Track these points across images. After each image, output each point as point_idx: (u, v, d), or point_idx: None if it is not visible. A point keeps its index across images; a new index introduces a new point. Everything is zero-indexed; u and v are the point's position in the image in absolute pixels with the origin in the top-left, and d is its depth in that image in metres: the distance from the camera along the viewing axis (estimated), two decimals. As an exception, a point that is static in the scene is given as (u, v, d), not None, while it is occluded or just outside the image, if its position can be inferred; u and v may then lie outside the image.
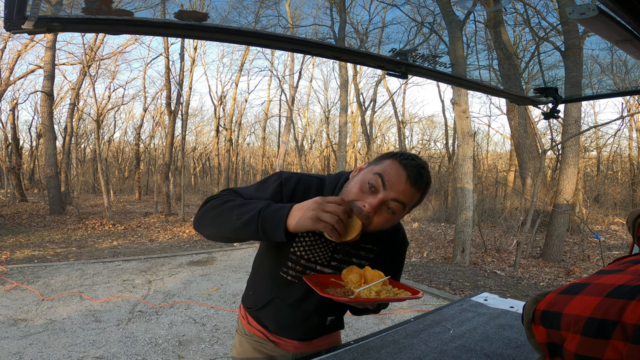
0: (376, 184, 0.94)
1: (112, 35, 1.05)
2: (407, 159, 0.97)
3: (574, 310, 0.56)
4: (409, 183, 0.94)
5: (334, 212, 0.86)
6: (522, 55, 1.41)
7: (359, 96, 14.21)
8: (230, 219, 0.93)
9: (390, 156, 0.99)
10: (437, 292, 5.00)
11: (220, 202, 0.98)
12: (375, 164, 1.00)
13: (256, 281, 1.25)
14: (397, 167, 0.95)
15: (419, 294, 0.97)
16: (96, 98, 13.17)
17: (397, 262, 1.24)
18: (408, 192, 0.95)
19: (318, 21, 1.14)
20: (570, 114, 7.04)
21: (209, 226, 0.98)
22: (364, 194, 0.96)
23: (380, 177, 0.94)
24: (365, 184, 0.96)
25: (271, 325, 1.22)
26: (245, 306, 1.29)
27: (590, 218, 11.32)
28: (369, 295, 0.96)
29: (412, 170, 0.95)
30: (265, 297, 1.20)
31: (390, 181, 0.94)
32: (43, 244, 7.41)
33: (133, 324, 3.79)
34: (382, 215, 0.96)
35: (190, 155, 22.25)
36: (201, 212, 1.01)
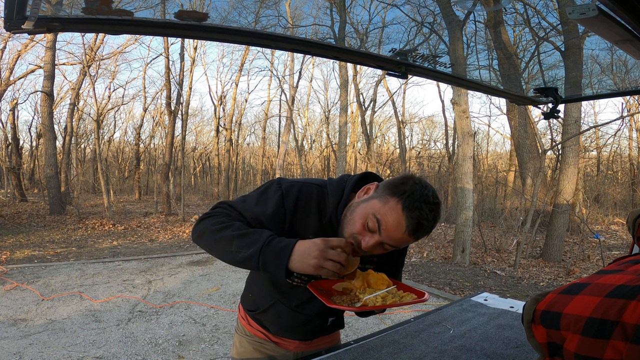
0: (373, 227, 0.93)
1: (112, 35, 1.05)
2: (412, 208, 0.90)
3: (574, 310, 0.56)
4: (406, 234, 0.91)
5: (336, 260, 0.84)
6: (522, 55, 1.41)
7: (359, 96, 14.22)
8: (229, 250, 0.91)
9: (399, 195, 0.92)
10: (437, 292, 5.00)
11: (218, 228, 0.94)
12: (381, 198, 0.94)
13: (257, 284, 1.25)
14: (398, 216, 0.90)
15: (425, 296, 0.96)
16: (96, 98, 13.18)
17: (398, 262, 1.24)
18: (405, 240, 0.93)
19: (318, 21, 1.14)
20: (570, 114, 7.04)
21: (208, 250, 0.97)
22: (364, 230, 0.95)
23: (378, 223, 0.92)
24: (365, 222, 0.94)
25: (272, 328, 1.23)
26: (245, 308, 1.28)
27: (590, 218, 11.32)
28: (375, 303, 0.94)
29: (413, 223, 0.90)
30: (267, 301, 1.20)
31: (388, 230, 0.92)
32: (43, 244, 7.41)
33: (133, 324, 3.79)
34: (379, 250, 0.97)
35: (190, 155, 22.26)
36: (198, 231, 0.97)
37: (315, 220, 1.05)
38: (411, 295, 1.00)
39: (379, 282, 1.06)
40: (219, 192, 17.23)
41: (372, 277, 1.07)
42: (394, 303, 0.95)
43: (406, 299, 0.99)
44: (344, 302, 0.95)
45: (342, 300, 0.97)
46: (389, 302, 0.95)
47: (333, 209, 1.04)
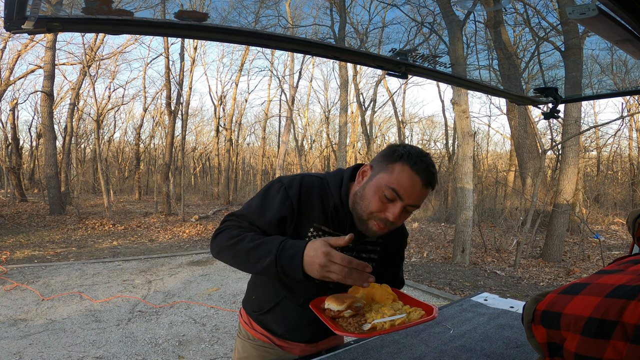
0: (392, 196, 0.97)
1: (112, 35, 1.05)
2: (417, 162, 0.97)
3: (574, 310, 0.56)
4: (423, 187, 0.97)
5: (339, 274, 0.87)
6: (522, 55, 1.41)
7: (359, 96, 14.22)
8: (249, 261, 0.95)
9: (399, 159, 0.98)
10: (437, 292, 5.00)
11: (233, 243, 0.97)
12: (384, 170, 0.99)
13: (260, 285, 1.23)
14: (410, 174, 0.96)
15: (434, 313, 0.95)
16: (96, 98, 13.18)
17: (400, 253, 1.28)
18: (424, 194, 0.99)
19: (318, 21, 1.14)
20: (570, 114, 7.04)
21: (230, 263, 1.01)
22: (383, 204, 0.98)
23: (396, 192, 0.96)
24: (382, 196, 0.98)
25: (279, 329, 1.20)
26: (248, 311, 1.26)
27: (590, 218, 11.32)
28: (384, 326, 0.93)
29: (424, 175, 0.96)
30: (273, 299, 1.18)
31: (407, 192, 0.96)
32: (43, 244, 7.41)
33: (133, 324, 3.79)
34: (405, 215, 1.01)
35: (190, 155, 22.26)
36: (217, 248, 1.01)
37: (319, 210, 1.07)
38: (419, 312, 0.98)
39: (384, 296, 1.04)
40: (219, 192, 17.23)
41: (376, 291, 1.05)
42: (403, 325, 0.93)
43: (413, 315, 0.97)
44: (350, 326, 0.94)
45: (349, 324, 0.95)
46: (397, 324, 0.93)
47: (336, 196, 1.07)
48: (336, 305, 0.97)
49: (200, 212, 12.49)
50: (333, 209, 1.08)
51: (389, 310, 0.98)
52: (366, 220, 1.03)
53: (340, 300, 0.98)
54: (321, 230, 1.09)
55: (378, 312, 0.98)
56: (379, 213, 0.99)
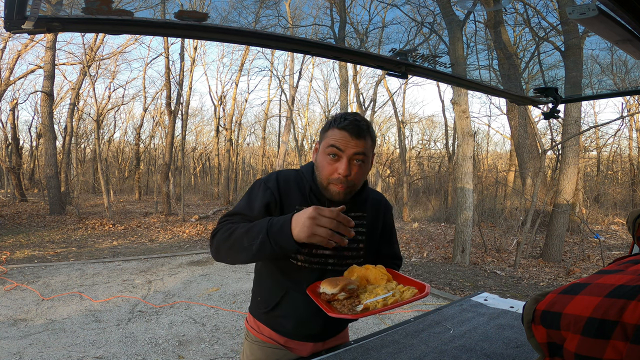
0: (335, 152, 1.11)
1: (112, 35, 1.05)
2: (342, 121, 1.12)
3: (574, 310, 0.56)
4: (355, 138, 1.10)
5: (327, 226, 0.91)
6: (522, 55, 1.41)
7: (359, 96, 14.21)
8: (244, 247, 1.01)
9: (330, 126, 1.14)
10: (437, 292, 5.00)
11: (227, 235, 1.05)
12: (324, 139, 1.15)
13: (264, 282, 1.27)
14: (339, 131, 1.11)
15: (426, 290, 0.99)
16: (96, 98, 13.18)
17: (388, 226, 1.35)
18: (360, 144, 1.10)
19: (318, 21, 1.14)
20: (570, 114, 7.04)
21: (229, 259, 1.07)
22: (332, 165, 1.11)
23: (334, 147, 1.11)
24: (328, 158, 1.12)
25: (289, 324, 1.22)
26: (255, 314, 1.28)
27: (590, 218, 11.32)
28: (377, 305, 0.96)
29: (351, 127, 1.10)
30: (278, 293, 1.21)
31: (343, 144, 1.10)
32: (43, 244, 7.41)
33: (133, 324, 3.79)
34: (355, 169, 1.12)
35: (190, 155, 22.25)
36: (215, 248, 1.09)
37: (298, 196, 1.19)
38: (412, 290, 1.01)
39: (378, 277, 1.08)
40: (219, 192, 17.23)
41: (370, 272, 1.09)
42: (396, 303, 0.96)
43: (406, 294, 1.00)
44: (344, 307, 0.97)
45: (343, 306, 0.98)
46: (390, 302, 0.96)
47: (310, 180, 1.20)
48: (330, 288, 1.01)
49: (200, 212, 12.49)
50: (310, 192, 1.20)
51: (382, 291, 1.01)
52: (327, 186, 1.14)
53: (334, 283, 1.02)
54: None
55: (372, 293, 1.01)
56: (332, 174, 1.11)
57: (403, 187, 14.17)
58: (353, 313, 0.94)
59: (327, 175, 1.12)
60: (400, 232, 10.02)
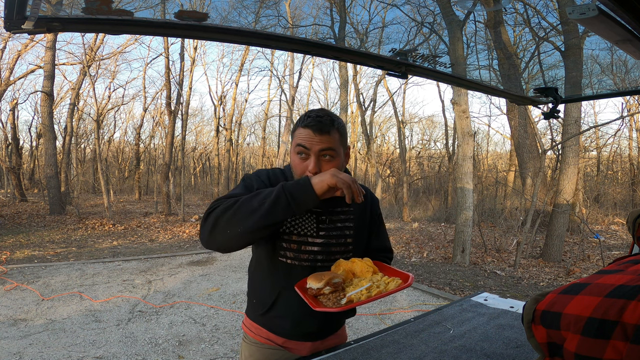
0: (302, 151, 1.12)
1: (112, 35, 1.05)
2: (305, 119, 1.13)
3: (574, 310, 0.56)
4: (317, 134, 1.10)
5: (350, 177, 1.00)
6: (522, 55, 1.41)
7: (359, 96, 14.20)
8: (252, 208, 0.99)
9: (297, 126, 1.15)
10: (437, 292, 5.00)
11: (229, 204, 1.02)
12: (293, 139, 1.17)
13: (258, 284, 1.27)
14: (303, 130, 1.12)
15: (409, 280, 1.00)
16: (96, 98, 13.18)
17: (375, 220, 1.36)
18: (325, 139, 1.11)
19: (318, 21, 1.14)
20: (570, 114, 7.04)
21: (227, 228, 1.00)
22: (303, 164, 1.13)
23: (301, 146, 1.12)
24: (298, 157, 1.14)
25: (286, 323, 1.21)
26: (252, 316, 1.28)
27: (590, 218, 11.32)
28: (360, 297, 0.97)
29: (313, 123, 1.11)
30: (272, 294, 1.21)
31: (308, 142, 1.11)
32: (43, 244, 7.41)
33: (133, 324, 3.79)
34: (326, 164, 1.12)
35: (190, 155, 22.25)
36: (211, 223, 1.02)
37: None
38: (396, 281, 1.02)
39: (364, 269, 1.09)
40: (219, 192, 17.22)
41: (356, 265, 1.10)
42: (379, 294, 0.97)
43: (391, 285, 1.01)
44: (329, 301, 0.98)
45: (328, 300, 0.99)
46: (374, 293, 0.97)
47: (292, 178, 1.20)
48: (315, 283, 1.02)
49: (200, 212, 12.48)
50: None
51: (367, 283, 1.02)
52: None
53: (319, 278, 1.03)
54: None
55: (357, 286, 1.02)
56: (304, 173, 1.12)
57: (403, 187, 14.17)
58: (337, 306, 0.95)
59: (300, 174, 1.13)
60: (400, 232, 10.01)
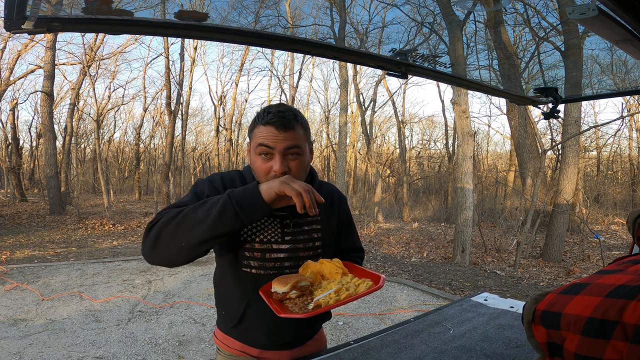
0: (266, 151, 1.03)
1: (112, 35, 1.05)
2: (264, 117, 1.04)
3: (574, 310, 0.56)
4: (281, 130, 1.02)
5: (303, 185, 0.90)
6: (522, 55, 1.41)
7: (359, 96, 14.21)
8: (197, 219, 0.90)
9: (255, 124, 1.07)
10: (437, 292, 5.00)
11: (172, 216, 0.93)
12: (252, 138, 1.08)
13: (225, 296, 1.19)
14: (264, 128, 1.04)
15: (380, 282, 0.95)
16: (96, 98, 13.18)
17: (344, 219, 1.30)
18: (289, 136, 1.03)
19: (318, 21, 1.14)
20: (570, 114, 7.04)
21: (171, 243, 0.92)
22: (266, 164, 1.04)
23: (264, 145, 1.03)
24: (260, 158, 1.05)
25: (261, 334, 1.15)
26: (224, 329, 1.20)
27: (590, 218, 11.32)
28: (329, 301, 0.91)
29: (275, 120, 1.02)
30: (241, 305, 1.14)
31: (272, 141, 1.02)
32: (43, 244, 7.41)
33: (133, 324, 3.79)
34: (293, 163, 1.05)
35: (190, 155, 22.25)
36: (153, 236, 0.93)
37: None
38: (367, 282, 0.97)
39: (333, 271, 1.03)
40: (219, 192, 17.19)
41: (325, 267, 1.04)
42: (349, 298, 0.91)
43: (362, 287, 0.95)
44: (296, 306, 0.92)
45: (295, 304, 0.92)
46: (343, 297, 0.92)
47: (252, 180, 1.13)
48: (281, 287, 0.95)
49: (200, 212, 12.47)
50: None
51: (335, 285, 0.96)
52: None
53: (284, 281, 0.96)
54: None
55: (326, 288, 0.96)
56: (270, 173, 1.04)
57: (403, 187, 14.17)
58: (304, 312, 0.89)
59: (264, 176, 1.05)
60: (400, 232, 10.02)
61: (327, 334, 3.65)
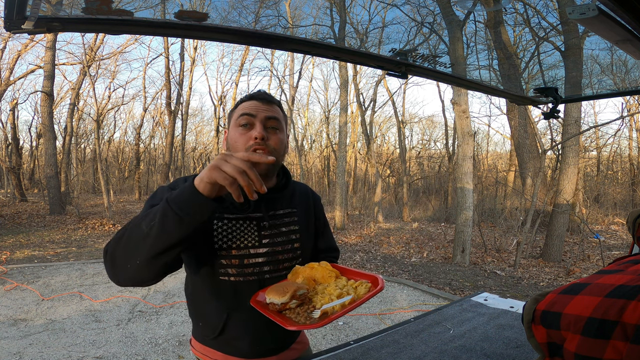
0: (247, 121, 1.06)
1: (112, 35, 1.05)
2: (247, 95, 1.12)
3: (574, 310, 0.56)
4: (263, 103, 1.08)
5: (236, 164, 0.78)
6: (522, 55, 1.41)
7: (359, 96, 14.21)
8: (142, 233, 0.82)
9: (238, 103, 1.12)
10: (437, 292, 5.00)
11: (120, 234, 0.87)
12: (232, 119, 1.11)
13: (200, 307, 1.12)
14: (247, 102, 1.09)
15: (380, 282, 0.94)
16: (96, 98, 13.18)
17: (320, 219, 1.30)
18: (270, 108, 1.08)
19: (318, 21, 1.13)
20: (570, 114, 7.04)
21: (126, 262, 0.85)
22: (246, 134, 1.05)
23: (245, 114, 1.06)
24: (240, 129, 1.06)
25: (245, 343, 1.09)
26: (203, 341, 1.13)
27: (590, 218, 11.32)
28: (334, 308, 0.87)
29: (257, 95, 1.10)
30: (221, 316, 1.07)
31: (254, 109, 1.07)
32: (43, 244, 7.41)
33: (133, 324, 3.79)
34: (272, 135, 1.07)
35: (190, 155, 22.26)
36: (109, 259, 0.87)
37: None
38: (365, 284, 0.95)
39: (326, 275, 1.01)
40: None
41: (316, 271, 1.02)
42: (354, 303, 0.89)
43: (360, 289, 0.93)
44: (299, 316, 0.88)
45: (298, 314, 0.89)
46: (348, 304, 0.89)
47: None
48: (279, 297, 0.90)
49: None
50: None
51: (334, 290, 0.94)
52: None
53: (281, 291, 0.91)
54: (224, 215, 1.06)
55: (324, 294, 0.93)
56: (248, 143, 1.03)
57: (403, 187, 14.17)
58: (312, 322, 0.85)
59: (243, 146, 1.02)
60: (400, 232, 10.02)
61: (327, 334, 3.65)
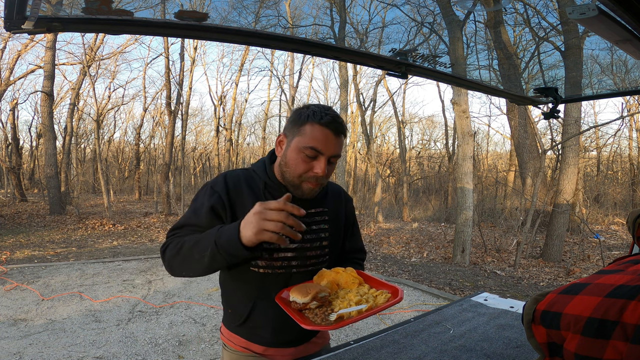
0: (312, 154, 1.04)
1: (112, 35, 1.05)
2: (323, 117, 1.04)
3: (574, 310, 0.56)
4: (336, 137, 1.05)
5: (276, 220, 0.87)
6: (522, 55, 1.41)
7: (359, 96, 14.20)
8: (196, 260, 0.98)
9: (307, 119, 1.05)
10: (437, 292, 5.00)
11: (177, 251, 1.02)
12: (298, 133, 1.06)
13: (231, 295, 1.20)
14: (320, 130, 1.03)
15: (399, 295, 0.95)
16: (96, 98, 13.17)
17: (350, 219, 1.31)
18: (339, 143, 1.07)
19: (318, 21, 1.13)
20: (570, 114, 7.04)
21: (184, 272, 1.03)
22: (308, 164, 1.05)
23: (315, 150, 1.03)
24: (304, 157, 1.05)
25: (266, 333, 1.15)
26: (230, 327, 1.22)
27: (590, 218, 11.32)
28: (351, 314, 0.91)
29: (333, 126, 1.04)
30: (247, 305, 1.14)
31: (324, 146, 1.03)
32: (43, 244, 7.41)
33: (133, 324, 3.79)
34: (329, 167, 1.07)
35: (190, 155, 22.25)
36: (168, 266, 1.05)
37: (250, 195, 1.11)
38: (385, 294, 0.97)
39: (350, 281, 1.04)
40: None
41: (341, 276, 1.05)
42: (370, 311, 0.92)
43: (380, 299, 0.96)
44: (317, 317, 0.92)
45: (316, 315, 0.93)
46: (365, 310, 0.92)
47: (263, 176, 1.13)
48: (301, 297, 0.95)
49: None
50: (264, 188, 1.12)
51: (354, 296, 0.96)
52: (299, 184, 1.08)
53: (304, 291, 0.96)
54: None
55: (344, 299, 0.97)
56: (307, 173, 1.05)
57: (403, 187, 14.17)
58: (327, 324, 0.89)
59: (301, 173, 1.06)
60: (400, 232, 10.02)
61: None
